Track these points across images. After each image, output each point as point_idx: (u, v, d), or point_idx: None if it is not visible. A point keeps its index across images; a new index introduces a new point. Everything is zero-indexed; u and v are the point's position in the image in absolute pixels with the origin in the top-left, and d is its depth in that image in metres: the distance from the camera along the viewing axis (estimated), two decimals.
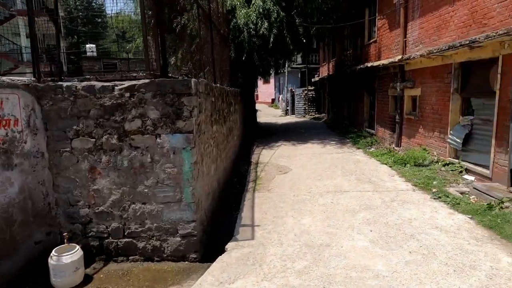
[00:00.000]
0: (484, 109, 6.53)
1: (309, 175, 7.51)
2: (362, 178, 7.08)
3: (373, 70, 11.78)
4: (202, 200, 4.53)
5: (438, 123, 7.92)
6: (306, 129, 16.93)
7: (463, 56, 6.80)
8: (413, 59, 8.45)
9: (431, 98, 8.23)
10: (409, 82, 9.30)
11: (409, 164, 7.89)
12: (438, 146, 7.97)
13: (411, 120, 9.38)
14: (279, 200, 5.89)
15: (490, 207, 4.88)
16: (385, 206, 5.39)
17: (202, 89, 4.60)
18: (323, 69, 22.69)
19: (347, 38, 16.26)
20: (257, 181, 7.27)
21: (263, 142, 12.74)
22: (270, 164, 8.85)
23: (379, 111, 11.98)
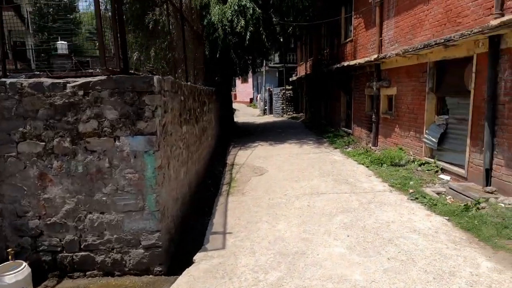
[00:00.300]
0: (459, 109, 6.51)
1: (286, 177, 7.28)
2: (339, 179, 6.92)
3: (350, 69, 11.72)
4: (169, 207, 4.19)
5: (414, 123, 7.89)
6: (283, 128, 16.76)
7: (438, 55, 6.76)
8: (388, 58, 8.39)
9: (407, 98, 8.20)
10: (385, 81, 9.26)
11: (385, 164, 7.81)
12: (414, 146, 7.94)
13: (387, 119, 9.35)
14: (254, 204, 5.62)
15: (467, 208, 4.80)
16: (362, 208, 5.22)
17: (168, 87, 4.26)
18: (301, 68, 22.64)
19: (324, 37, 16.20)
20: (231, 183, 6.97)
21: (240, 142, 12.44)
22: (246, 166, 8.57)
23: (355, 111, 11.95)
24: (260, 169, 8.07)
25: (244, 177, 7.45)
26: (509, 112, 5.04)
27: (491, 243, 3.90)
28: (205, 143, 8.19)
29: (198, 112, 7.04)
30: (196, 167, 6.65)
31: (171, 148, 4.40)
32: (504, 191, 5.14)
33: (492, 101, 5.28)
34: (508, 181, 5.08)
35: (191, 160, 6.00)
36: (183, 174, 5.22)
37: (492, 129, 5.33)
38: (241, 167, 8.40)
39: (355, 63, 10.51)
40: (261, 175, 7.53)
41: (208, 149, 8.77)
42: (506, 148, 5.11)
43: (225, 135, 13.76)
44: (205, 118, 8.31)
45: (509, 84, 5.03)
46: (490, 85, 5.29)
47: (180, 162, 5.01)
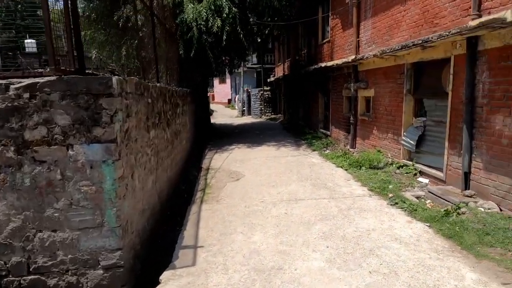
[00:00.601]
0: (437, 110, 6.44)
1: (263, 182, 7.00)
2: (317, 184, 6.70)
3: (327, 70, 11.60)
4: (134, 220, 3.81)
5: (392, 125, 7.80)
6: (261, 130, 16.52)
7: (416, 57, 6.68)
8: (366, 59, 8.29)
9: (385, 99, 8.11)
10: (362, 82, 9.17)
11: (364, 166, 7.68)
12: (392, 148, 7.86)
13: (365, 121, 9.26)
14: (229, 212, 5.29)
15: (447, 214, 4.68)
16: (342, 215, 5.00)
17: (131, 89, 3.88)
18: (279, 69, 22.50)
19: (302, 37, 16.08)
20: (206, 190, 6.61)
21: (217, 145, 12.08)
22: (222, 170, 8.23)
23: (333, 112, 11.84)
24: (237, 174, 7.76)
25: (219, 182, 7.11)
26: (487, 115, 4.97)
27: (474, 251, 3.76)
28: (178, 147, 7.79)
29: (170, 115, 6.65)
30: (168, 174, 6.26)
31: (136, 155, 4.02)
32: (483, 195, 5.06)
33: (470, 103, 5.20)
34: (487, 184, 5.00)
35: (161, 167, 5.61)
36: (152, 183, 4.83)
37: (471, 132, 5.25)
38: (217, 172, 8.05)
39: (333, 64, 10.39)
40: (237, 180, 7.22)
41: (182, 153, 8.38)
42: (485, 151, 5.04)
43: (202, 137, 13.36)
44: (178, 121, 7.92)
45: (487, 86, 4.96)
46: (468, 87, 5.21)
47: (148, 170, 4.63)
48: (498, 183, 4.80)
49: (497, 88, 4.79)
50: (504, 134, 4.68)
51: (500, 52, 4.71)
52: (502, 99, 4.71)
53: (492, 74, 4.87)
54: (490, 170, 4.94)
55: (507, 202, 4.65)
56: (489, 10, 4.78)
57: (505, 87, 4.65)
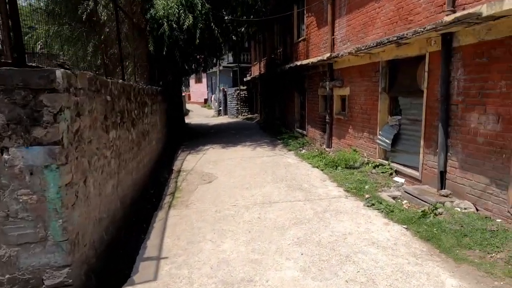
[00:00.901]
0: (412, 109, 6.35)
1: (236, 184, 6.69)
2: (293, 185, 6.47)
3: (303, 69, 11.44)
4: (87, 231, 3.40)
5: (367, 123, 7.69)
6: (237, 130, 16.20)
7: (390, 54, 6.57)
8: (341, 57, 8.14)
9: (360, 98, 7.99)
10: (338, 81, 9.04)
11: (340, 166, 7.52)
12: (368, 147, 7.74)
13: (340, 120, 9.13)
14: (198, 218, 4.95)
15: (424, 215, 4.54)
16: (317, 218, 4.77)
17: (84, 84, 3.46)
18: (255, 68, 22.24)
19: (277, 36, 15.89)
20: (175, 193, 6.23)
21: (191, 146, 11.66)
22: (194, 172, 7.85)
23: (309, 111, 11.70)
24: (209, 176, 7.41)
25: (190, 185, 6.74)
26: (462, 113, 4.88)
27: (453, 254, 3.60)
28: (147, 149, 7.35)
29: (136, 115, 6.22)
30: (134, 177, 5.83)
31: (90, 158, 3.60)
32: (459, 194, 4.97)
33: (445, 101, 5.11)
34: (462, 183, 4.91)
35: (125, 170, 5.18)
36: (112, 188, 4.41)
37: (446, 130, 5.15)
38: (189, 174, 7.67)
39: (308, 62, 10.21)
40: (209, 183, 6.87)
41: (151, 154, 7.93)
42: (460, 149, 4.95)
43: (175, 138, 12.88)
44: (146, 121, 7.47)
45: (462, 84, 4.87)
46: (443, 84, 5.11)
47: (107, 174, 4.21)
48: (473, 182, 4.72)
49: (472, 85, 4.70)
50: (480, 132, 4.59)
51: (475, 49, 4.62)
52: (477, 97, 4.62)
53: (467, 71, 4.78)
54: (466, 169, 4.85)
55: (483, 201, 4.56)
56: (464, 6, 4.69)
57: (480, 84, 4.56)
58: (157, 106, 9.34)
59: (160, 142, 9.71)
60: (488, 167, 4.46)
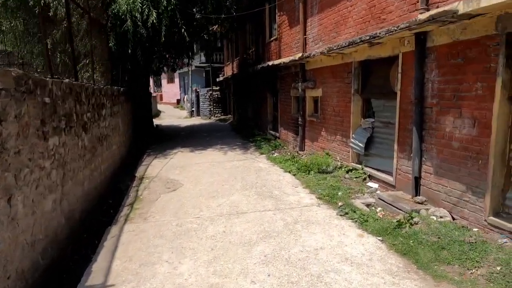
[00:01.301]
0: (385, 111, 6.13)
1: (203, 192, 6.22)
2: (263, 192, 6.08)
3: (275, 69, 11.11)
4: (13, 259, 2.85)
5: (340, 126, 7.44)
6: (209, 132, 15.67)
7: (363, 54, 6.33)
8: (313, 57, 7.85)
9: (332, 99, 7.73)
10: (310, 82, 8.75)
11: (313, 171, 7.22)
12: (341, 151, 7.49)
13: (313, 122, 8.86)
14: (156, 233, 4.45)
15: (400, 225, 4.27)
16: (287, 231, 4.40)
17: (8, 85, 2.90)
18: (228, 68, 21.77)
19: (250, 35, 15.52)
20: (134, 204, 5.68)
21: (158, 149, 11.04)
22: (159, 179, 7.30)
23: (282, 113, 11.38)
24: (174, 183, 6.89)
25: (152, 194, 6.20)
26: (437, 116, 4.67)
27: (431, 271, 3.32)
28: (105, 154, 6.74)
29: (89, 118, 5.61)
30: (87, 187, 5.24)
31: (17, 172, 3.04)
32: (434, 201, 4.76)
33: (419, 103, 4.88)
34: (437, 190, 4.70)
35: (72, 181, 4.59)
36: (52, 204, 3.84)
37: (420, 134, 4.93)
38: (152, 181, 7.11)
39: (280, 62, 9.88)
40: (173, 191, 6.36)
41: (112, 160, 7.30)
42: (435, 154, 4.73)
43: (143, 141, 12.19)
44: (105, 124, 6.85)
45: (436, 86, 4.66)
46: (417, 86, 4.89)
47: (44, 188, 3.64)
48: (449, 188, 4.51)
49: (446, 87, 4.49)
50: (455, 137, 4.38)
51: (450, 49, 4.41)
52: (452, 99, 4.41)
53: (441, 73, 4.56)
54: (441, 175, 4.64)
55: (459, 209, 4.35)
56: (437, 4, 4.46)
57: (455, 86, 4.35)
58: (119, 107, 8.70)
59: (123, 146, 9.06)
60: (464, 173, 4.26)
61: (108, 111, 7.30)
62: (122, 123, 9.07)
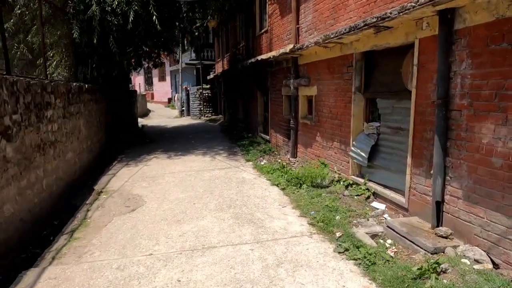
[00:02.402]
0: (394, 114, 4.93)
1: (167, 213, 5.00)
2: (242, 215, 4.87)
3: (265, 64, 9.91)
4: None
5: (338, 131, 6.23)
6: (196, 133, 14.43)
7: (367, 44, 5.13)
8: (306, 48, 6.63)
9: (329, 99, 6.53)
10: (303, 79, 7.55)
11: (305, 184, 6.02)
12: (339, 160, 6.29)
13: (307, 125, 7.65)
14: (84, 284, 3.22)
15: (422, 274, 3.07)
16: (266, 280, 3.19)
17: None
18: (219, 66, 20.50)
19: (240, 29, 14.29)
20: (76, 231, 4.46)
21: (133, 154, 9.80)
22: (119, 194, 6.07)
23: (273, 114, 10.17)
24: (136, 200, 5.66)
25: (104, 216, 4.97)
26: (469, 122, 3.47)
27: None
28: (51, 166, 5.49)
29: (15, 121, 4.37)
30: (7, 212, 3.99)
31: None
32: (463, 235, 3.57)
33: (443, 105, 3.68)
34: (469, 221, 3.51)
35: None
36: None
37: (444, 145, 3.74)
38: (110, 197, 5.88)
39: (269, 56, 8.66)
40: (132, 212, 5.13)
41: (63, 172, 6.06)
42: (465, 173, 3.54)
43: (119, 144, 10.94)
44: (49, 128, 5.61)
45: (468, 81, 3.46)
46: (441, 82, 3.69)
47: None
48: (486, 220, 3.31)
49: (484, 83, 3.29)
50: (496, 151, 3.19)
51: (490, 31, 3.21)
52: (491, 100, 3.21)
53: (476, 64, 3.37)
54: (474, 201, 3.44)
55: (501, 250, 3.16)
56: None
57: (497, 81, 3.16)
58: (80, 107, 7.44)
59: (87, 153, 7.81)
60: (510, 201, 3.07)
61: (59, 112, 6.05)
62: (85, 125, 7.82)
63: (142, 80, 40.63)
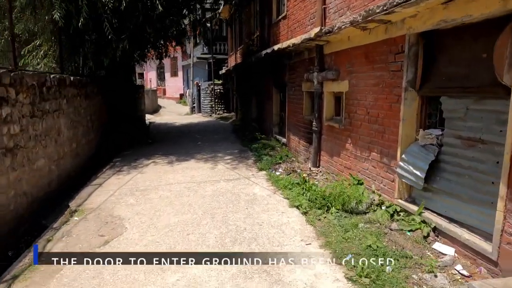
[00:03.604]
0: (470, 119, 3.46)
1: (150, 250, 3.68)
2: (251, 257, 3.48)
3: (283, 56, 8.49)
4: None
5: (379, 139, 4.78)
6: (204, 133, 13.15)
7: (430, 20, 3.65)
8: (338, 31, 5.17)
9: (366, 97, 5.07)
10: (330, 71, 6.11)
11: (334, 207, 4.62)
12: (378, 177, 4.84)
13: (334, 129, 6.21)
14: None
15: None
16: None
17: None
18: (232, 59, 19.14)
19: (255, 18, 12.88)
20: (15, 284, 3.18)
21: (130, 157, 8.59)
22: (97, 215, 4.79)
23: (290, 113, 8.74)
24: (115, 226, 4.37)
25: (64, 255, 3.68)
26: None
27: None
28: (13, 175, 4.27)
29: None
30: None
31: None
32: None
33: None
34: None
35: None
36: None
37: None
38: (84, 219, 4.61)
39: (289, 44, 7.23)
40: (104, 245, 3.84)
41: (29, 184, 4.83)
42: None
43: (114, 146, 9.75)
44: (10, 130, 4.38)
45: None
46: None
47: None
48: None
49: None
50: None
51: None
52: None
53: None
54: None
55: None
56: None
57: None
58: (61, 103, 6.21)
59: (71, 157, 6.59)
60: None
61: (24, 110, 4.81)
62: (69, 125, 6.59)
63: (154, 76, 39.71)
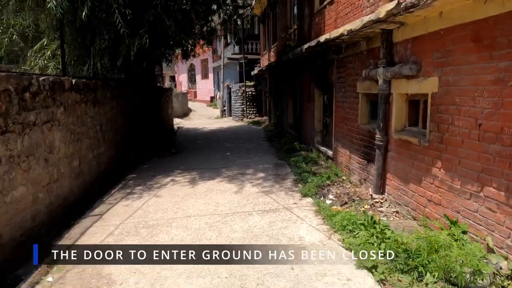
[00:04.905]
0: None
1: None
2: None
3: (329, 49, 6.84)
4: None
5: (504, 167, 3.03)
6: (234, 141, 11.73)
7: None
8: (430, 3, 3.46)
9: (476, 101, 3.33)
10: (405, 65, 4.39)
11: (430, 274, 2.94)
12: (503, 227, 3.08)
13: (410, 145, 4.48)
14: None
15: None
16: None
17: None
18: (264, 59, 17.63)
19: (291, 10, 11.31)
20: None
21: (146, 173, 7.31)
22: (80, 273, 3.42)
23: (339, 120, 7.04)
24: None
25: None
26: None
27: None
28: None
29: None
30: None
31: None
32: None
33: None
34: None
35: None
36: None
37: None
38: (61, 280, 3.25)
39: (342, 33, 5.54)
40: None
41: (5, 220, 3.56)
42: None
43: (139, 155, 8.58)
44: None
45: None
46: None
47: None
48: None
49: None
50: None
51: None
52: None
53: None
54: None
55: None
56: None
57: None
58: (55, 112, 4.96)
59: (70, 178, 5.34)
60: None
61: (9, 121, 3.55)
62: (67, 139, 5.34)
63: (185, 78, 39.18)
